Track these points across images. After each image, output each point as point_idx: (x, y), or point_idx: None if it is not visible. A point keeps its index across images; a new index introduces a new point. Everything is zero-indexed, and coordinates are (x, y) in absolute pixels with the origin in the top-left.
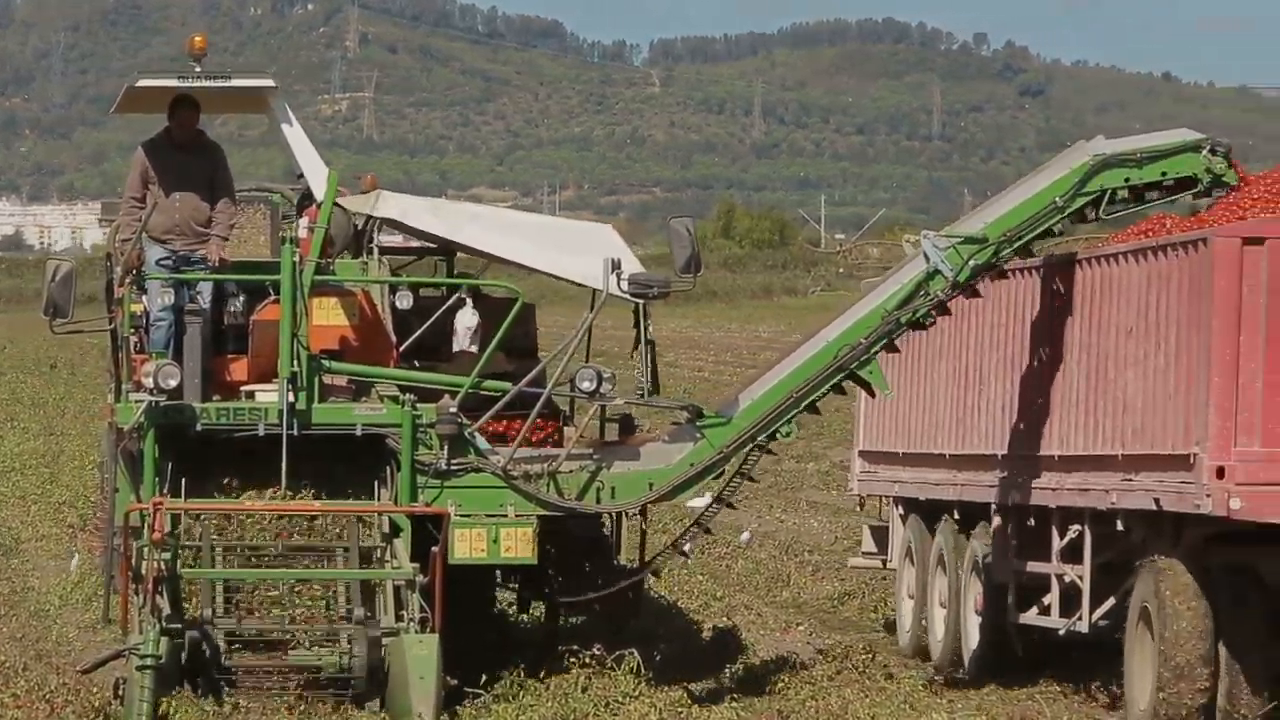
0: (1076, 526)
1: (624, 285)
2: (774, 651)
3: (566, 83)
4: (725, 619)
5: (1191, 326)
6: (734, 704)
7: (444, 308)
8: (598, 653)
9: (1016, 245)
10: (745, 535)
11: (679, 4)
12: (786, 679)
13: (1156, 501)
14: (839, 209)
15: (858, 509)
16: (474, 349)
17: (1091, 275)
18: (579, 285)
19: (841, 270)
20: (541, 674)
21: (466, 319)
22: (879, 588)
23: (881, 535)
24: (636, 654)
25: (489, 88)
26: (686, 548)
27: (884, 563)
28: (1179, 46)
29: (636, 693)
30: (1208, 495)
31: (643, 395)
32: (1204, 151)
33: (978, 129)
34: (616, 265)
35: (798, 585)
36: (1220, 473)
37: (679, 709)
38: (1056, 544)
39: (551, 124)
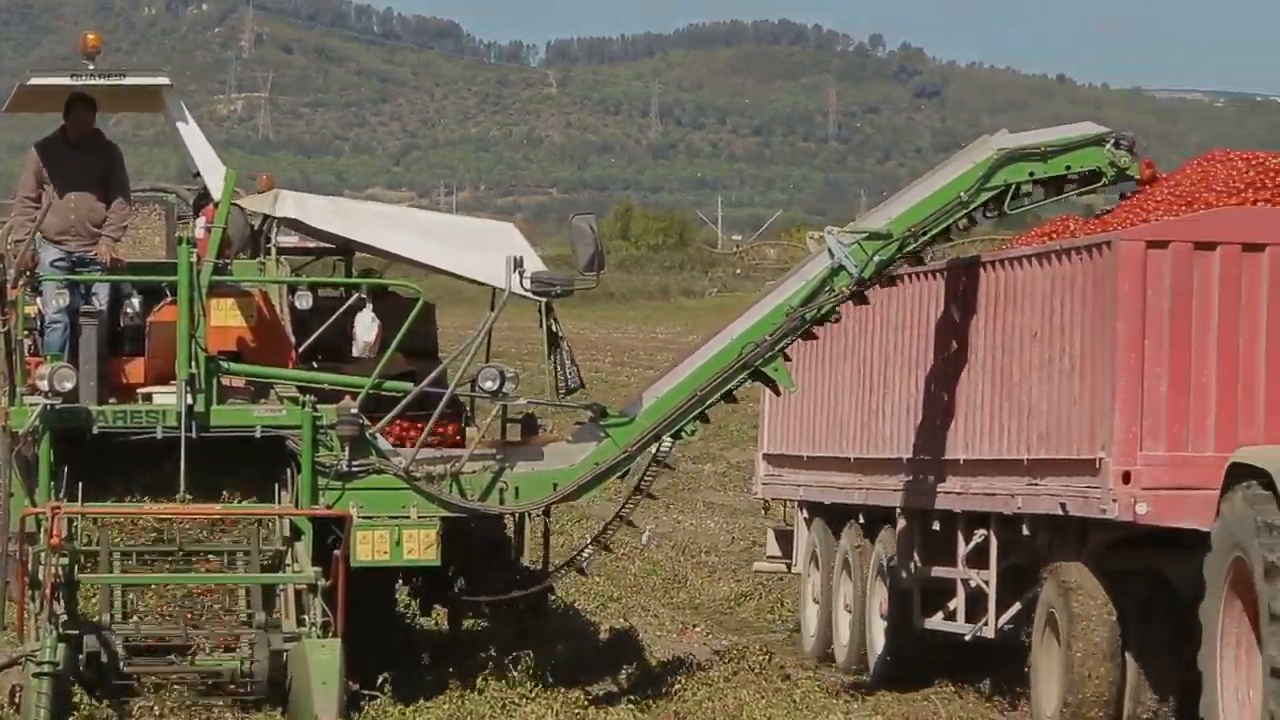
0: (982, 531)
1: (526, 284)
2: (671, 652)
3: (463, 83)
4: (622, 620)
5: (1096, 330)
6: (631, 705)
7: (344, 308)
8: (494, 654)
9: (921, 240)
10: (645, 536)
11: (575, 5)
12: (683, 680)
13: (1062, 506)
14: (736, 210)
15: (762, 513)
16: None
17: (996, 278)
18: (480, 284)
19: (739, 271)
20: (440, 676)
21: (366, 331)
22: (776, 589)
23: (786, 539)
24: (533, 655)
25: (385, 88)
26: (585, 565)
27: (789, 567)
28: (1073, 48)
29: (533, 694)
30: (1114, 500)
31: (567, 392)
32: (1108, 145)
33: (874, 130)
34: (519, 264)
35: (694, 586)
36: (1126, 477)
37: (576, 710)
38: (962, 548)
39: (448, 125)
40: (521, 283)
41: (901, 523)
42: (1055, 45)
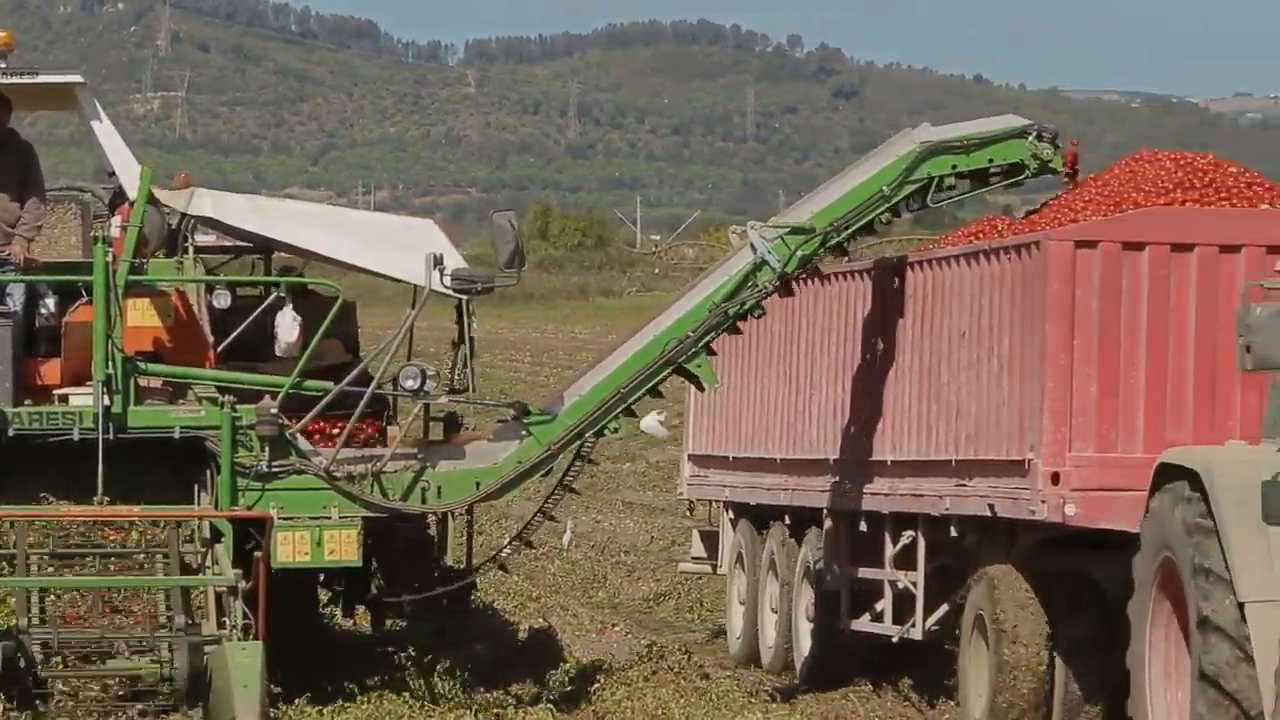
0: (910, 532)
1: (447, 281)
2: (591, 653)
3: (381, 83)
4: (541, 620)
5: (1025, 330)
6: (550, 705)
7: (262, 306)
8: (414, 654)
9: (844, 235)
10: (567, 536)
11: (493, 4)
12: (603, 680)
13: (991, 508)
14: (654, 210)
15: (687, 513)
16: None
17: (923, 278)
18: (400, 282)
19: (658, 271)
20: (361, 677)
21: (288, 331)
22: (695, 589)
23: (711, 540)
24: (453, 655)
25: (303, 88)
26: (506, 561)
27: (714, 568)
28: (991, 49)
29: (453, 694)
30: (1043, 501)
31: (450, 390)
32: (1030, 137)
33: (792, 130)
34: (439, 261)
35: (614, 586)
36: (1055, 478)
37: (495, 710)
38: (890, 550)
39: (366, 124)
40: (442, 280)
41: (828, 524)
42: (972, 46)
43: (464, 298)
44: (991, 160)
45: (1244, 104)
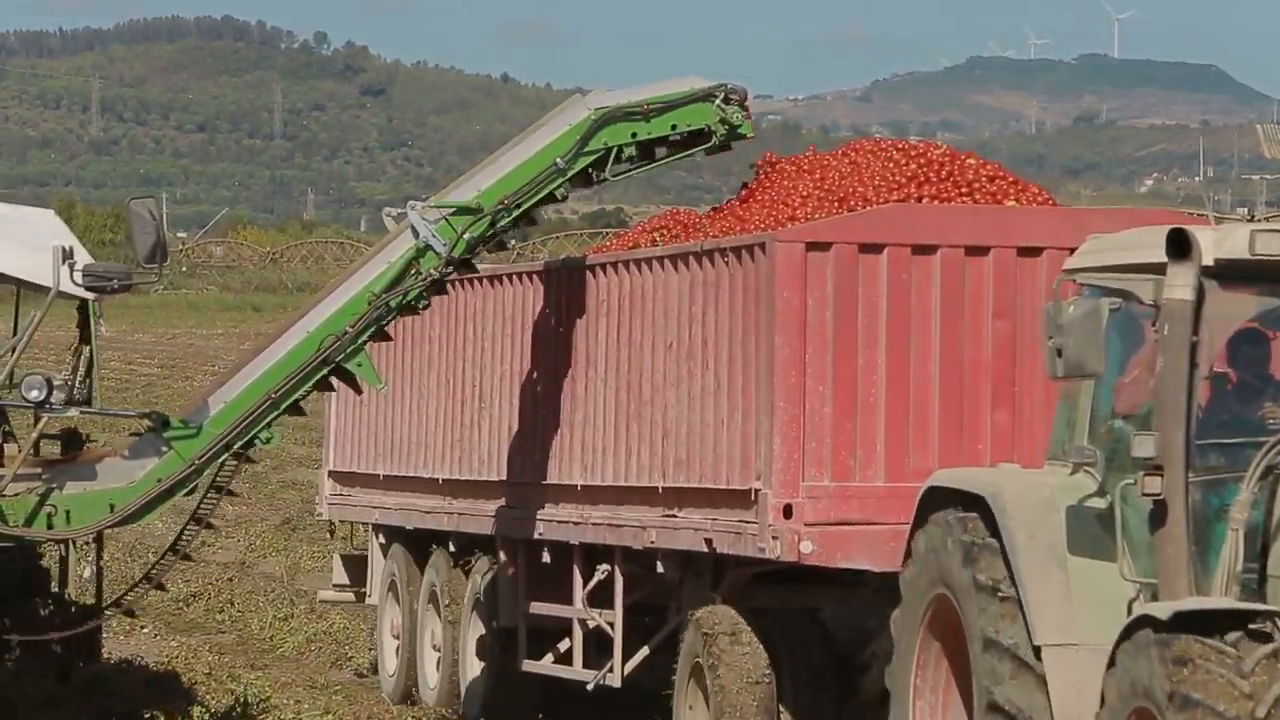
0: (605, 566)
1: (78, 278)
2: (120, 654)
3: None
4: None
5: (749, 343)
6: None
7: None
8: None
9: (516, 214)
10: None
11: None
12: (131, 683)
13: (708, 543)
14: (181, 207)
15: (328, 536)
16: None
17: (619, 282)
18: (19, 281)
19: (185, 269)
20: None
21: None
22: (225, 589)
23: (357, 565)
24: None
25: None
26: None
27: (361, 596)
28: (514, 49)
29: None
30: (774, 538)
31: (74, 402)
32: (717, 101)
33: (320, 128)
34: (69, 255)
35: (142, 586)
36: (788, 511)
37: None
38: (580, 585)
39: None
40: (72, 277)
41: (503, 554)
42: (498, 46)
43: (94, 297)
44: (674, 127)
45: (765, 106)
